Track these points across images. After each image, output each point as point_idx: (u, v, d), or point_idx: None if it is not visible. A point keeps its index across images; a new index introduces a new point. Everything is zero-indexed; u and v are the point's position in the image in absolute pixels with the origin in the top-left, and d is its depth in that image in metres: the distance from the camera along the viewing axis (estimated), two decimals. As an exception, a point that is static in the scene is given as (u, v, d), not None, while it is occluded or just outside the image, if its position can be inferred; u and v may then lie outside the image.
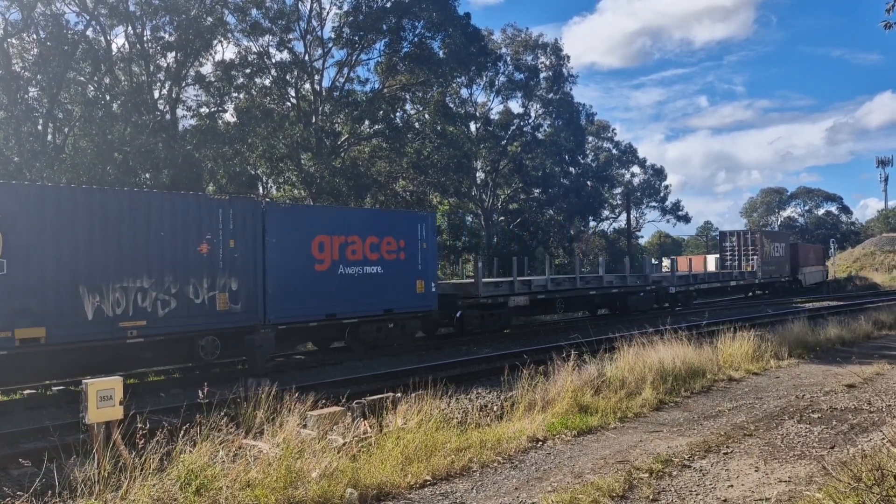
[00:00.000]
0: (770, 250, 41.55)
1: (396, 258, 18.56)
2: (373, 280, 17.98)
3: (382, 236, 18.26)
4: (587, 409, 9.97)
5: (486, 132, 45.57)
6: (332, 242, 17.11)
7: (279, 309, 15.97)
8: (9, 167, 23.91)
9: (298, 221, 16.61)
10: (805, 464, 7.59)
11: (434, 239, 20.13)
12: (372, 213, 21.11)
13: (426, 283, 19.35)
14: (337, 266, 17.20)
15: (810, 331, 17.47)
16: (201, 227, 14.60)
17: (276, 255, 15.94)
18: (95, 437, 6.54)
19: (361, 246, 17.74)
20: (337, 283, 17.15)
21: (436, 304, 19.70)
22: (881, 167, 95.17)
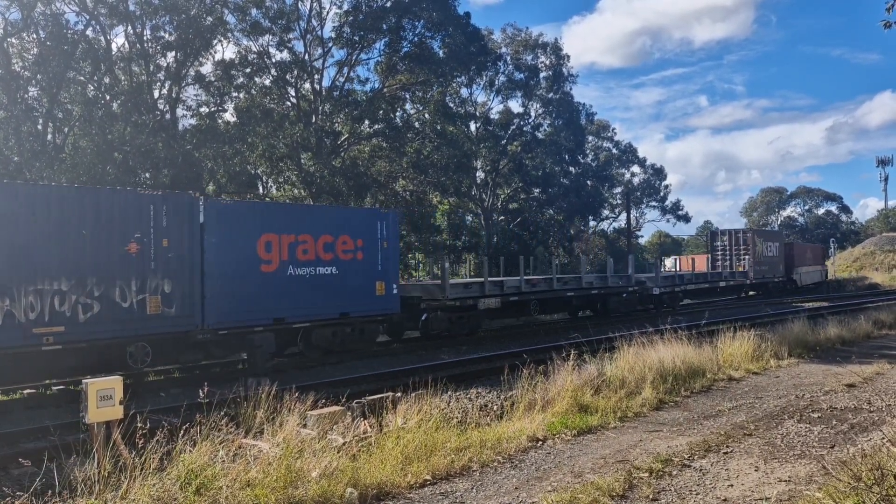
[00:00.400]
0: (763, 250, 40.66)
1: (353, 258, 17.52)
2: (327, 282, 16.91)
3: (338, 235, 17.19)
4: (587, 408, 9.97)
5: (486, 132, 45.57)
6: (281, 242, 16.04)
7: (220, 313, 14.88)
8: (9, 167, 23.91)
9: (242, 219, 15.53)
10: (805, 463, 7.59)
11: (396, 238, 19.20)
12: (326, 210, 19.47)
13: (387, 285, 18.30)
14: (286, 267, 16.14)
15: (810, 330, 17.47)
16: (129, 225, 13.53)
17: (216, 255, 14.87)
18: (95, 437, 6.55)
19: (314, 245, 16.66)
20: (286, 285, 16.11)
21: (398, 306, 18.67)
22: (881, 167, 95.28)
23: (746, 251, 39.12)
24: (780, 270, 42.77)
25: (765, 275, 40.47)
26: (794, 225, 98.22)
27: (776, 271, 42.21)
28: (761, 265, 40.11)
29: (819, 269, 52.31)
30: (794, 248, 47.89)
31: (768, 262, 41.11)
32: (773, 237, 45.01)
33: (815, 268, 51.29)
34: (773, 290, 41.76)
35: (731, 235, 40.29)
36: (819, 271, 52.19)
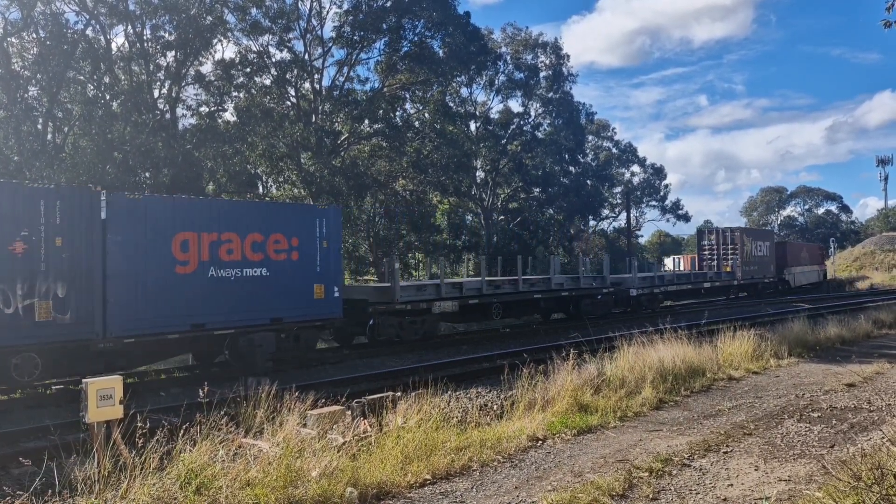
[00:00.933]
0: (751, 249, 39.15)
1: (287, 259, 16.21)
2: (255, 284, 15.59)
3: (268, 233, 15.89)
4: (587, 408, 9.98)
5: (485, 131, 45.57)
6: (201, 240, 14.68)
7: (125, 319, 13.53)
8: (9, 166, 23.90)
9: (153, 216, 14.14)
10: (805, 463, 7.59)
11: (338, 237, 17.94)
12: (254, 206, 17.55)
13: (327, 288, 16.97)
14: (206, 268, 14.75)
15: (810, 330, 17.48)
16: (15, 222, 12.25)
17: (121, 255, 13.55)
18: (95, 437, 6.55)
19: (240, 244, 15.34)
20: (206, 288, 14.71)
21: (340, 310, 17.38)
22: (881, 166, 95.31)
23: (734, 251, 37.75)
24: (770, 270, 41.39)
25: (753, 275, 39.22)
26: (794, 225, 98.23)
27: (766, 271, 40.86)
28: (750, 265, 38.83)
29: (816, 269, 51.19)
30: (787, 248, 46.85)
31: (757, 262, 39.81)
32: (763, 236, 43.25)
33: (812, 268, 50.15)
34: (763, 291, 40.59)
35: (719, 234, 38.84)
36: (816, 271, 51.06)
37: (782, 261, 44.09)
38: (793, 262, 46.07)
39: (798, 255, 48.12)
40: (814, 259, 51.54)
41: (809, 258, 50.32)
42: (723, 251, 37.99)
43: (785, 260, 44.60)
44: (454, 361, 16.39)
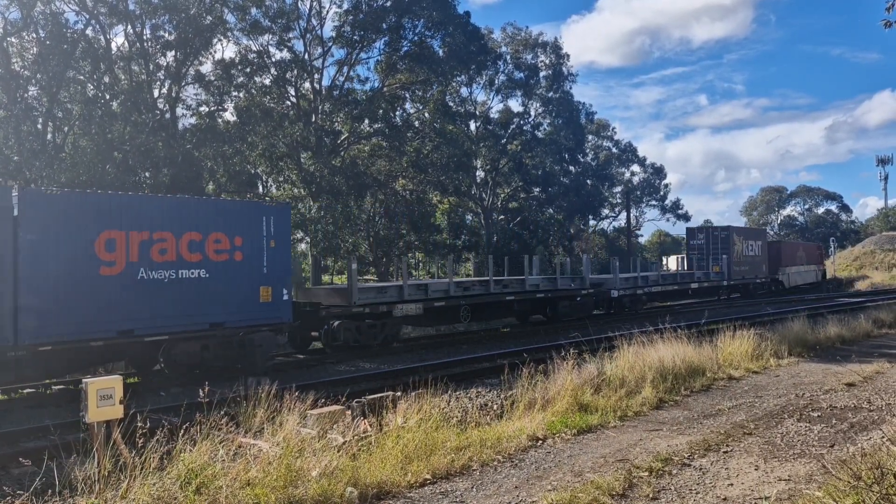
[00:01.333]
0: (742, 249, 38.04)
1: (230, 259, 15.14)
2: (193, 287, 14.47)
3: (207, 232, 14.75)
4: (587, 407, 9.98)
5: (485, 131, 45.57)
6: (129, 239, 13.57)
7: (40, 325, 12.37)
8: (8, 166, 23.91)
9: (74, 213, 13.03)
10: (805, 462, 7.59)
11: (288, 236, 16.83)
12: (191, 203, 15.95)
13: (275, 290, 15.94)
14: (135, 269, 13.64)
15: (810, 329, 17.47)
16: None
17: (35, 255, 12.45)
18: (95, 436, 6.55)
19: (174, 244, 14.23)
20: (135, 291, 13.60)
21: (289, 314, 16.40)
22: (881, 166, 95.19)
23: (724, 250, 36.56)
24: (762, 270, 40.40)
25: (744, 275, 38.10)
26: (794, 224, 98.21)
27: (758, 271, 39.85)
28: (740, 265, 37.73)
29: (814, 268, 50.26)
30: (781, 247, 45.95)
31: (749, 262, 38.70)
32: (755, 235, 41.93)
33: (809, 268, 49.17)
34: (755, 291, 39.50)
35: (709, 234, 37.73)
36: (814, 271, 50.13)
37: (776, 260, 43.15)
38: (787, 261, 45.15)
39: (793, 255, 47.18)
40: (811, 259, 50.60)
41: (807, 258, 49.40)
42: (712, 251, 36.87)
43: (779, 260, 43.70)
44: (454, 361, 16.40)
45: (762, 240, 41.89)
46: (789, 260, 45.74)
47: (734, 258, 36.78)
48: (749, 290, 38.88)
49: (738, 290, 38.67)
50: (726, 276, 36.00)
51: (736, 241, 37.36)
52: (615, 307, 28.16)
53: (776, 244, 46.42)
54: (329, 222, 29.30)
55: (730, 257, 36.44)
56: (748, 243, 38.94)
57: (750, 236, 40.26)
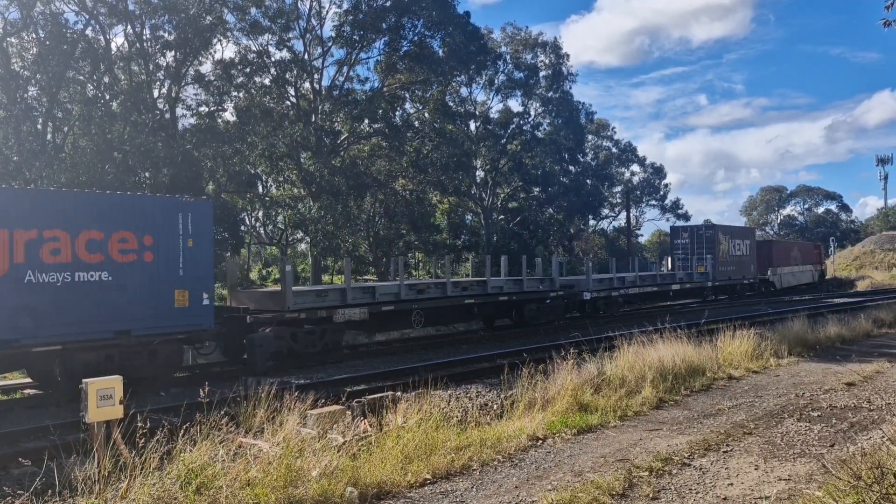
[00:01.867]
0: (729, 248, 36.43)
1: (138, 260, 13.82)
2: (93, 291, 13.16)
3: (111, 231, 13.47)
4: (587, 407, 9.98)
5: (485, 131, 45.57)
6: (13, 239, 12.33)
7: None
8: (8, 167, 23.89)
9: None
10: (805, 462, 7.59)
11: (209, 235, 15.44)
12: (89, 197, 14.15)
13: (193, 294, 14.56)
14: (21, 272, 12.37)
15: (810, 329, 17.48)
16: None
17: None
18: (95, 437, 6.55)
19: (70, 243, 12.93)
20: (21, 295, 12.36)
21: (210, 320, 15.00)
22: (881, 165, 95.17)
23: (709, 250, 34.86)
24: (750, 271, 38.78)
25: (731, 276, 36.53)
26: (794, 224, 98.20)
27: (746, 272, 38.26)
28: (727, 265, 36.21)
29: (810, 268, 48.94)
30: (772, 247, 44.59)
31: (736, 262, 37.14)
32: (743, 234, 39.95)
33: (804, 268, 47.85)
34: (742, 292, 38.01)
35: (693, 233, 35.96)
36: (810, 271, 48.81)
37: (766, 261, 41.79)
38: (779, 261, 43.74)
39: (786, 255, 45.75)
40: (808, 258, 49.26)
41: (802, 257, 48.02)
42: (697, 251, 35.12)
43: (769, 260, 42.37)
44: (454, 361, 16.40)
45: (750, 239, 40.20)
46: (781, 260, 44.38)
47: (720, 258, 35.35)
48: (736, 292, 37.41)
49: (725, 291, 37.14)
50: (711, 276, 34.45)
51: (721, 240, 35.87)
52: (589, 310, 26.81)
53: (767, 243, 45.12)
54: (329, 222, 29.30)
55: (715, 257, 34.93)
56: (735, 243, 37.49)
57: (737, 235, 38.60)
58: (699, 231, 35.91)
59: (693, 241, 35.52)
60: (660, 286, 31.13)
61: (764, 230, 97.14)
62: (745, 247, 38.40)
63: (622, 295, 28.56)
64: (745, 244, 38.69)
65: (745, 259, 38.23)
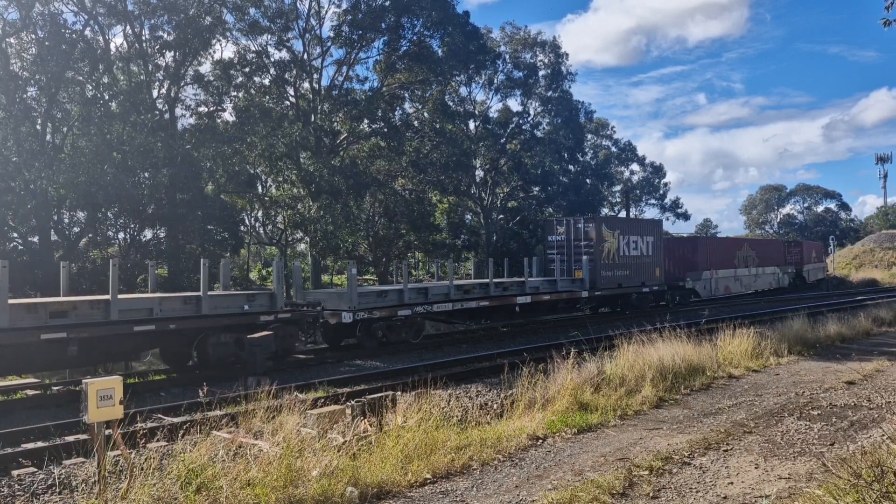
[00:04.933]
0: (619, 247, 27.98)
1: None
2: None
3: None
4: (587, 406, 9.98)
5: (485, 130, 45.54)
6: None
7: None
8: (7, 167, 23.88)
9: None
10: (805, 461, 7.59)
11: None
12: None
13: None
14: None
15: (810, 328, 17.49)
16: None
17: None
18: (95, 437, 6.54)
19: None
20: None
21: None
22: (880, 164, 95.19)
23: (587, 249, 26.88)
24: (654, 276, 29.78)
25: (622, 282, 27.97)
26: (794, 223, 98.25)
27: (647, 277, 29.30)
28: (615, 269, 27.72)
29: (774, 271, 41.32)
30: (703, 245, 35.78)
31: (631, 266, 28.59)
32: (642, 229, 30.32)
33: (763, 271, 40.18)
34: (640, 303, 29.24)
35: (570, 227, 27.62)
36: (774, 275, 41.30)
37: (689, 262, 33.62)
38: (712, 262, 35.00)
39: (725, 254, 36.99)
40: (770, 258, 41.46)
41: (759, 258, 39.92)
42: (575, 250, 27.23)
43: (691, 261, 33.79)
44: (454, 360, 16.39)
45: (654, 235, 30.48)
46: (721, 261, 35.72)
47: (603, 259, 27.07)
48: (630, 303, 28.83)
49: (610, 302, 28.93)
50: (587, 284, 26.16)
51: (606, 235, 27.45)
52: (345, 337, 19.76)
53: (690, 240, 36.93)
54: (328, 222, 29.28)
55: (596, 258, 26.70)
56: (629, 239, 28.74)
57: (633, 230, 29.69)
58: (577, 224, 27.69)
59: (570, 239, 27.53)
60: (495, 300, 22.44)
61: (764, 229, 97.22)
62: (645, 245, 29.61)
63: (421, 314, 20.24)
64: (647, 242, 29.73)
65: (645, 261, 29.43)
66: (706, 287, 34.51)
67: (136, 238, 28.61)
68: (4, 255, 23.28)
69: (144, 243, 28.73)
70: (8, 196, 23.47)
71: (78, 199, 24.45)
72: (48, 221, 25.41)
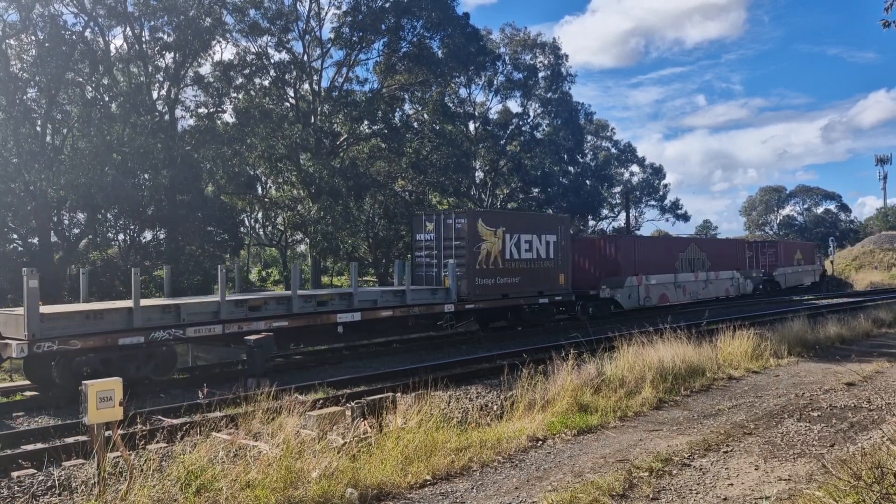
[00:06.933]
0: (502, 248, 22.16)
1: None
2: None
3: None
4: (587, 408, 9.99)
5: (484, 131, 45.58)
6: None
7: None
8: (7, 169, 23.90)
9: None
10: (805, 462, 7.59)
11: None
12: None
13: None
14: None
15: (810, 329, 17.50)
16: None
17: None
18: (95, 438, 6.54)
19: None
20: None
21: None
22: (880, 165, 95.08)
23: (458, 251, 21.39)
24: (557, 284, 24.12)
25: (508, 293, 22.31)
26: (794, 224, 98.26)
27: (547, 286, 23.66)
28: (498, 276, 22.05)
29: (733, 276, 35.68)
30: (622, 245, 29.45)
31: (523, 272, 22.88)
32: (541, 226, 24.22)
33: (722, 275, 34.69)
34: (538, 317, 23.54)
35: (441, 223, 22.03)
36: (733, 280, 35.64)
37: (608, 267, 28.06)
38: (649, 267, 29.39)
39: (666, 257, 31.06)
40: (729, 261, 35.84)
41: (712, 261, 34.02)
42: (445, 253, 21.74)
43: (614, 266, 28.07)
44: (454, 362, 16.39)
45: (557, 233, 24.45)
46: (648, 264, 29.44)
47: (480, 264, 21.47)
48: (523, 317, 23.26)
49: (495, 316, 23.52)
50: (455, 294, 20.70)
51: (485, 233, 21.77)
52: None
53: (611, 240, 30.44)
54: (328, 223, 29.29)
55: (469, 262, 21.20)
56: (520, 239, 23.04)
57: (527, 227, 23.66)
58: (447, 220, 22.02)
59: (440, 237, 22.03)
60: (301, 318, 16.62)
61: (763, 230, 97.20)
62: (544, 246, 23.90)
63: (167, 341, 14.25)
64: (547, 242, 23.99)
65: (543, 265, 23.68)
66: (632, 296, 28.33)
67: (136, 239, 28.64)
68: (4, 257, 23.33)
69: (144, 245, 28.74)
70: (8, 197, 23.49)
71: (78, 200, 24.46)
72: (48, 223, 25.42)
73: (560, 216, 27.76)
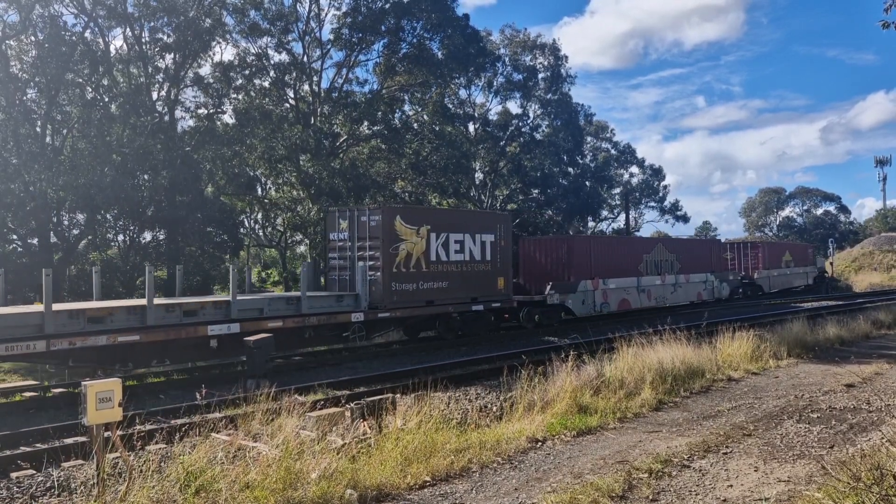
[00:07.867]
0: (426, 249, 20.32)
1: None
2: None
3: None
4: (586, 409, 9.99)
5: (484, 133, 45.59)
6: None
7: None
8: (7, 169, 23.89)
9: None
10: (804, 463, 7.59)
11: None
12: None
13: None
14: None
15: (809, 331, 17.50)
16: None
17: None
18: (95, 439, 6.54)
19: None
20: None
21: None
22: (879, 166, 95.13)
23: (372, 252, 19.53)
24: (496, 291, 22.30)
25: (434, 299, 20.43)
26: (793, 225, 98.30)
27: (482, 291, 21.85)
28: (421, 280, 20.16)
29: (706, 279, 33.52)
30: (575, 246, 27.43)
31: (453, 275, 21.00)
32: (475, 224, 22.40)
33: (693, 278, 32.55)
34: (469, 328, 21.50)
35: (354, 221, 20.10)
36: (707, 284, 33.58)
37: (558, 270, 26.16)
38: (607, 269, 27.49)
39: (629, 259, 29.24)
40: (708, 264, 34.05)
41: (685, 263, 32.22)
42: (359, 253, 19.78)
43: (565, 269, 26.10)
44: (454, 363, 16.39)
45: (495, 232, 22.65)
46: (606, 267, 27.51)
47: (398, 267, 19.62)
48: (453, 326, 21.24)
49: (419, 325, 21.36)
50: (366, 301, 18.79)
51: (404, 232, 19.93)
52: None
53: (562, 241, 28.17)
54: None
55: (384, 265, 19.28)
56: (449, 238, 21.08)
57: (457, 226, 21.70)
58: (361, 217, 20.06)
59: (353, 237, 20.09)
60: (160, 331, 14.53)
61: (763, 231, 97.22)
62: (479, 247, 21.93)
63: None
64: (483, 242, 22.04)
65: (477, 268, 21.78)
66: (585, 302, 26.15)
67: (136, 240, 28.63)
68: (4, 258, 23.30)
69: (144, 245, 28.74)
70: (7, 198, 23.47)
71: (77, 201, 24.45)
72: (48, 223, 25.40)
73: (499, 213, 25.50)
